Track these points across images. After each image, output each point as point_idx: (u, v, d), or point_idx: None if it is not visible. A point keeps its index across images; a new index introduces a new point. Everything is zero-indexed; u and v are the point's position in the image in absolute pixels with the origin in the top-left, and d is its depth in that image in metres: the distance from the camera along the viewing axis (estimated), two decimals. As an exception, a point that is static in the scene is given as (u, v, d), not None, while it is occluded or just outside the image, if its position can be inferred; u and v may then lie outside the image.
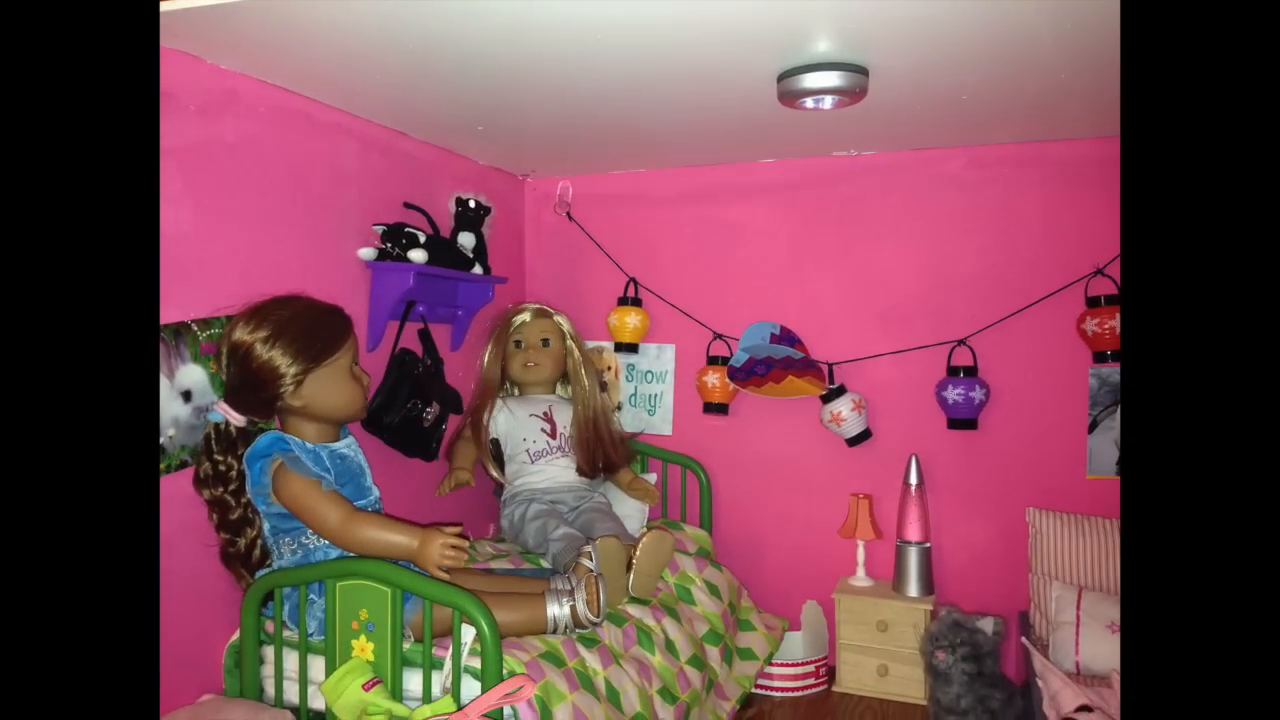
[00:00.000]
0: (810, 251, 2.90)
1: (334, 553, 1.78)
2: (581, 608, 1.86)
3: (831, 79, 1.87)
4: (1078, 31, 1.68)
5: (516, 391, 2.78)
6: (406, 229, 2.38)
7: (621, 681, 2.04)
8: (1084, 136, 2.54)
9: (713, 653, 2.43)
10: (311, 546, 1.75)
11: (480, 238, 2.72)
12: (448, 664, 1.74)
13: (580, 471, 2.66)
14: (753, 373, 2.74)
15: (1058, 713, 1.93)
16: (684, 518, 3.00)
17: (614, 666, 2.05)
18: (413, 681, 1.79)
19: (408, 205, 2.51)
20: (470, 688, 1.72)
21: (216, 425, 1.74)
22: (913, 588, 2.63)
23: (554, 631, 1.89)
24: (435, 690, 1.77)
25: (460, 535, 1.68)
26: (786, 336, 2.82)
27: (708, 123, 2.40)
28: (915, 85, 2.03)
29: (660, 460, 3.03)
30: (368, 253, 2.34)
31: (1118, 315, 2.44)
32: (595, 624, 1.90)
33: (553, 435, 2.65)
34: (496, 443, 2.69)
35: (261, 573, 1.82)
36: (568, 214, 3.18)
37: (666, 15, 1.61)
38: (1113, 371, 2.56)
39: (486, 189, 2.90)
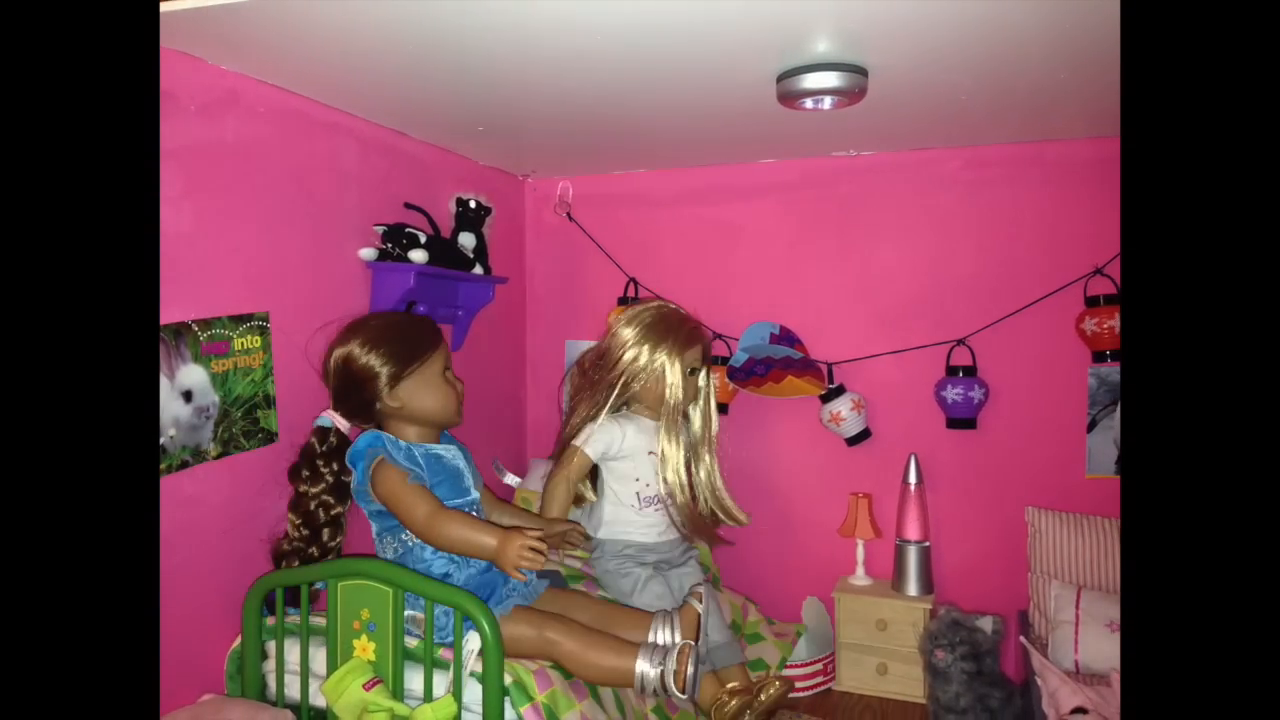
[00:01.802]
0: (810, 251, 2.91)
1: (428, 551, 1.83)
2: (670, 680, 1.76)
3: (830, 79, 1.87)
4: (1076, 32, 1.68)
5: (624, 410, 2.35)
6: (407, 229, 2.38)
7: (627, 693, 2.04)
8: (1082, 136, 2.54)
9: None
10: (410, 544, 1.82)
11: (481, 238, 2.72)
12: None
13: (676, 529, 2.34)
14: (752, 372, 2.74)
15: (1056, 711, 1.94)
16: (684, 517, 3.01)
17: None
18: (415, 681, 1.79)
19: (408, 205, 2.52)
20: (473, 689, 1.73)
21: (323, 428, 1.89)
22: (912, 587, 2.63)
23: (640, 690, 1.82)
24: (440, 689, 1.77)
25: (540, 538, 1.69)
26: (786, 336, 2.82)
27: (707, 123, 2.40)
28: (914, 85, 2.04)
29: (660, 460, 3.04)
30: (368, 253, 2.34)
31: (1117, 315, 2.45)
32: (680, 700, 1.80)
33: (663, 480, 2.27)
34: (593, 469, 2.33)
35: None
36: (568, 214, 3.18)
37: (666, 16, 1.61)
38: (1112, 371, 2.56)
39: (487, 189, 2.90)
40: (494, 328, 3.07)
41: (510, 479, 3.12)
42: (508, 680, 1.72)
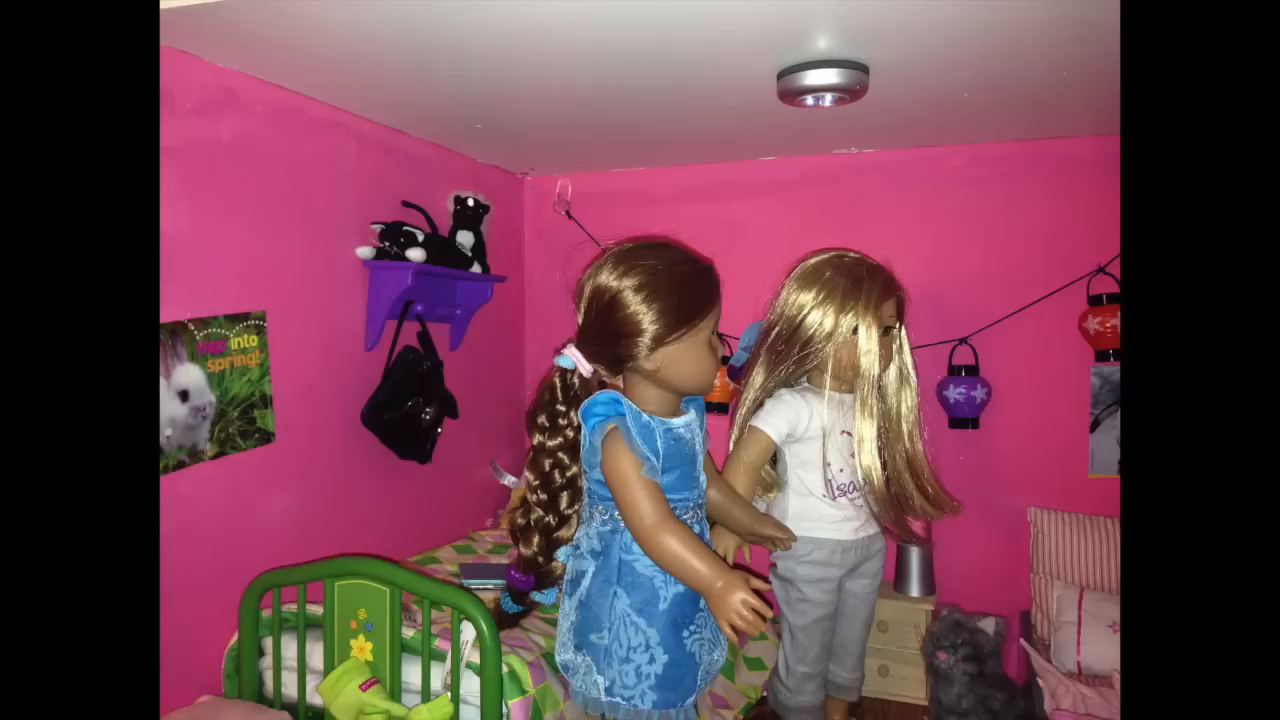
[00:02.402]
0: (811, 250, 2.89)
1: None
2: None
3: (831, 76, 1.86)
4: (1078, 29, 1.67)
5: (805, 382, 1.99)
6: (405, 228, 2.37)
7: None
8: (1085, 135, 2.53)
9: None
10: (621, 525, 1.50)
11: (479, 236, 2.71)
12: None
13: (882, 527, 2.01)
14: (753, 372, 2.72)
15: (1057, 710, 1.93)
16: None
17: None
18: (412, 674, 1.78)
19: (406, 204, 2.50)
20: (470, 683, 1.72)
21: (564, 371, 1.52)
22: (914, 587, 2.62)
23: None
24: (436, 685, 1.76)
25: (764, 599, 1.41)
26: (787, 335, 2.80)
27: (708, 121, 2.39)
28: (916, 83, 2.02)
29: (660, 459, 3.03)
30: (366, 251, 2.33)
31: (1119, 314, 2.43)
32: None
33: (857, 465, 1.91)
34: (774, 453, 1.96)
35: (565, 551, 1.58)
36: (567, 212, 3.16)
37: (666, 13, 1.60)
38: (1114, 370, 2.54)
39: (485, 187, 2.89)
40: (492, 327, 3.06)
41: (508, 480, 3.11)
42: (503, 670, 1.71)
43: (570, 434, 1.51)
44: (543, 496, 1.54)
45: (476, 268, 2.67)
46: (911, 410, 1.97)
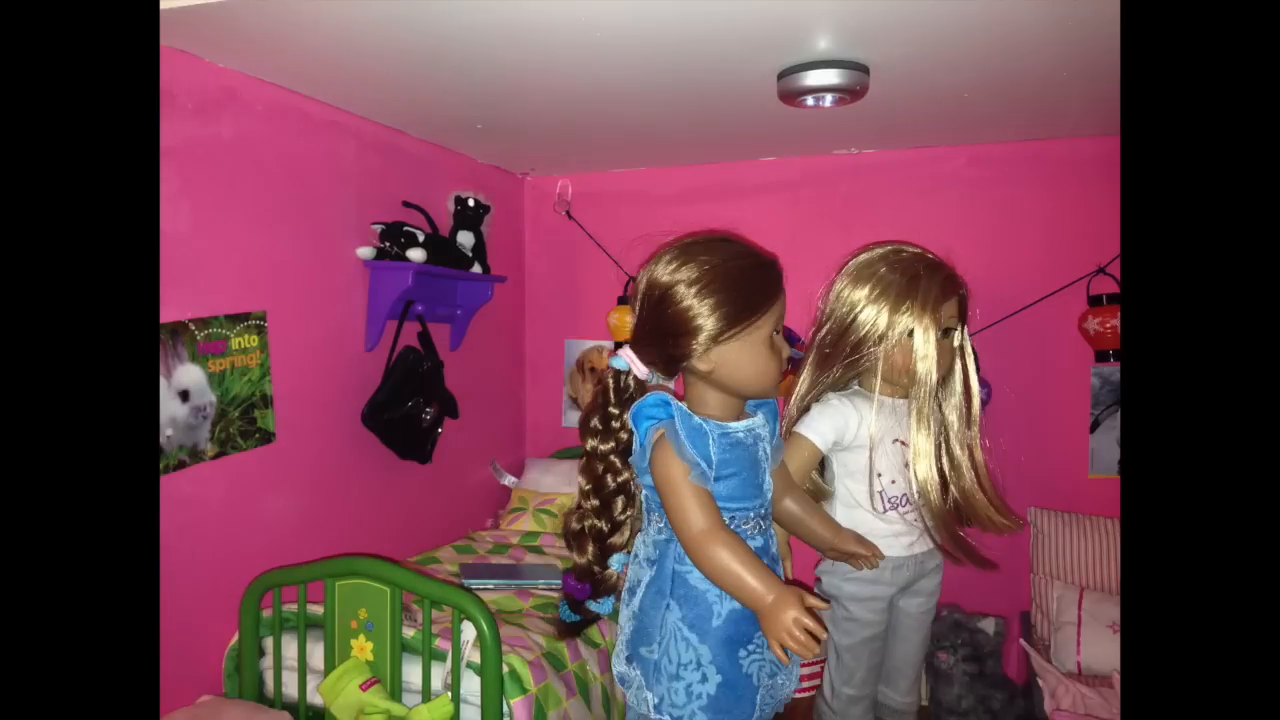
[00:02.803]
0: (812, 250, 2.89)
1: None
2: None
3: (831, 77, 1.86)
4: (1078, 30, 1.67)
5: (854, 385, 1.84)
6: (405, 228, 2.37)
7: (614, 688, 2.03)
8: (1085, 135, 2.53)
9: None
10: (675, 534, 1.43)
11: (479, 236, 2.71)
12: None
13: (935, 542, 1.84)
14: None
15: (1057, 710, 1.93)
16: (684, 517, 3.00)
17: (608, 673, 2.05)
18: (413, 674, 1.78)
19: (406, 204, 2.51)
20: (470, 683, 1.72)
21: (618, 373, 1.44)
22: (913, 587, 2.62)
23: None
24: (436, 685, 1.76)
25: (819, 622, 1.31)
26: (789, 336, 2.80)
27: (708, 121, 2.39)
28: (916, 83, 2.02)
29: (660, 459, 3.03)
30: (366, 252, 2.33)
31: (1120, 314, 2.43)
32: None
33: (911, 477, 1.75)
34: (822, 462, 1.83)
35: (619, 559, 1.49)
36: (567, 212, 3.17)
37: (666, 13, 1.60)
38: (1114, 371, 2.55)
39: (485, 188, 2.89)
40: (492, 327, 3.06)
41: (508, 480, 3.12)
42: (504, 670, 1.71)
43: (623, 437, 1.44)
44: (595, 502, 1.46)
45: (477, 268, 2.67)
46: (975, 419, 1.81)
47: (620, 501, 1.47)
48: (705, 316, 1.35)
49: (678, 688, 1.38)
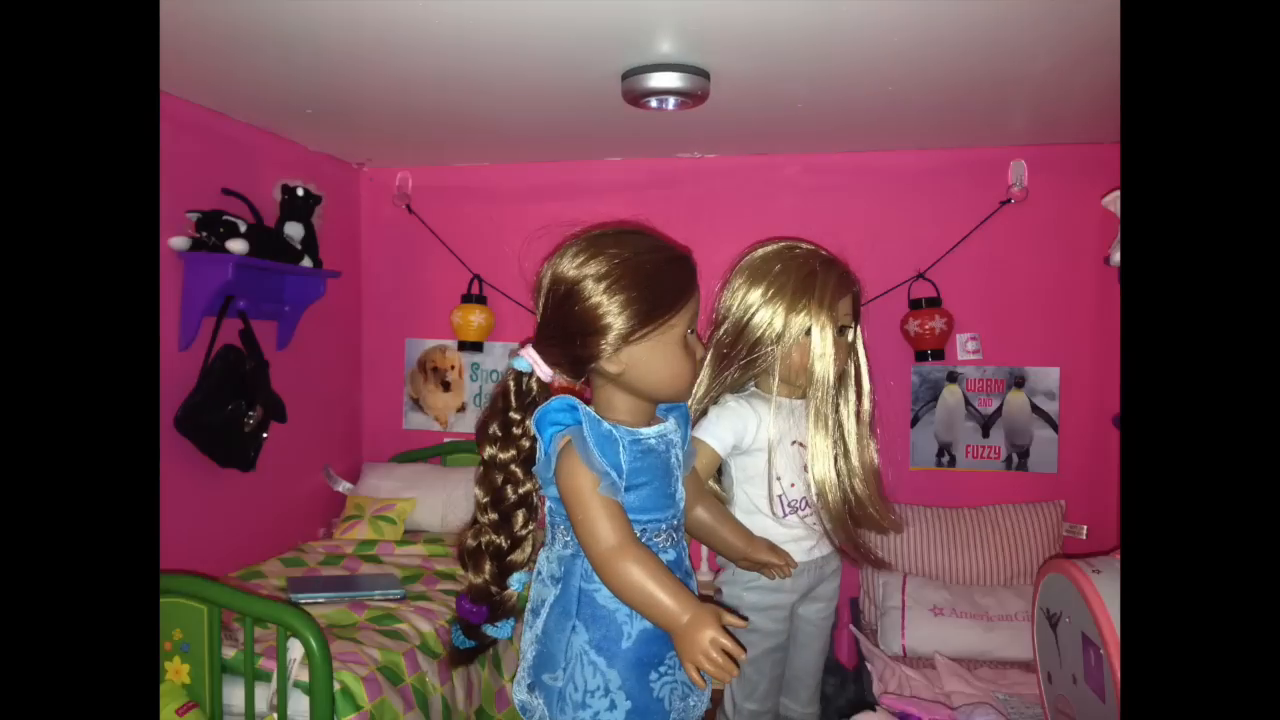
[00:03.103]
0: (655, 251, 2.93)
1: None
2: None
3: (673, 80, 1.89)
4: (906, 47, 1.76)
5: (751, 387, 1.78)
6: (225, 217, 2.20)
7: (455, 698, 1.97)
8: (908, 148, 2.69)
9: None
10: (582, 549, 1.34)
11: (310, 228, 2.56)
12: (274, 681, 1.62)
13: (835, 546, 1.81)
14: (598, 371, 2.73)
15: (883, 692, 2.04)
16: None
17: (449, 683, 1.98)
18: (235, 696, 1.66)
19: (227, 192, 2.33)
20: (298, 703, 1.61)
21: (518, 374, 1.33)
22: (753, 580, 2.70)
23: None
24: (261, 706, 1.64)
25: (737, 642, 1.22)
26: (632, 335, 2.83)
27: (553, 117, 2.37)
28: (753, 91, 2.08)
29: (505, 461, 2.98)
30: (180, 242, 2.14)
31: (937, 316, 2.61)
32: None
33: (810, 479, 1.72)
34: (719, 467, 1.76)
35: (520, 577, 1.38)
36: (407, 206, 3.05)
37: (506, 5, 1.56)
38: (932, 369, 2.73)
39: (317, 177, 2.73)
40: (326, 324, 2.90)
41: (342, 486, 2.96)
42: (335, 687, 1.62)
43: (525, 445, 1.33)
44: (494, 516, 1.35)
45: (307, 261, 2.52)
46: (867, 417, 1.79)
47: (521, 515, 1.36)
48: (615, 315, 1.25)
49: (584, 717, 1.29)
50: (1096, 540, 2.60)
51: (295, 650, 1.60)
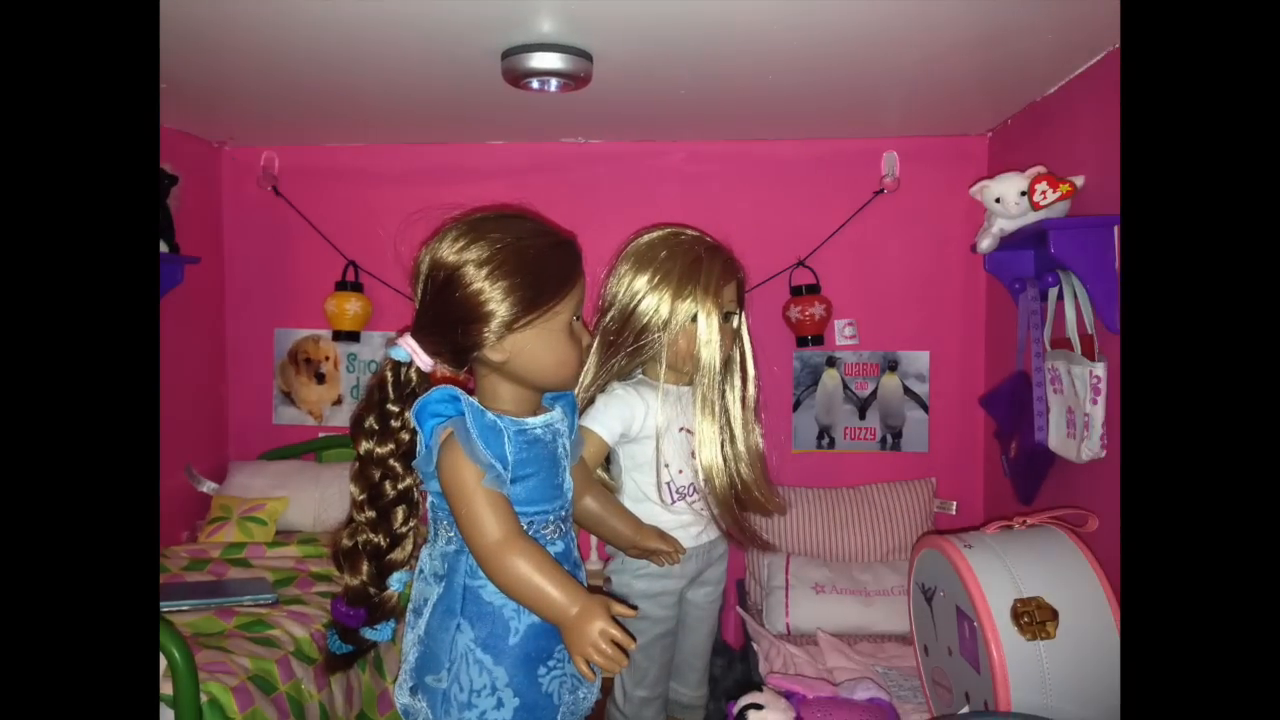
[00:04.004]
0: (539, 237, 2.88)
1: None
2: None
3: (554, 60, 1.84)
4: (788, 34, 1.78)
5: (638, 374, 1.77)
6: (66, 196, 2.01)
7: (334, 704, 1.89)
8: (787, 138, 2.74)
9: None
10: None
11: (165, 211, 2.38)
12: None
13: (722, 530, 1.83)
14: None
15: (768, 672, 2.08)
16: (411, 514, 2.87)
17: (327, 689, 1.90)
18: None
19: (68, 169, 2.13)
20: (166, 716, 1.50)
21: (396, 364, 1.29)
22: (641, 567, 2.71)
23: None
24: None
25: (626, 632, 1.22)
26: (516, 323, 2.78)
27: (430, 96, 2.28)
28: (637, 76, 2.07)
29: (385, 455, 2.87)
30: (13, 223, 1.95)
31: (817, 303, 2.67)
32: None
33: (698, 465, 1.73)
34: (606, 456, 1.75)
35: (400, 577, 1.34)
36: (274, 188, 2.88)
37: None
38: (813, 354, 2.80)
39: (172, 156, 2.55)
40: (185, 313, 2.71)
41: (206, 486, 2.78)
42: (202, 699, 1.52)
43: (404, 438, 1.30)
44: (371, 514, 1.31)
45: (162, 246, 2.34)
46: (751, 402, 1.82)
47: (401, 512, 1.32)
48: (498, 301, 1.22)
49: (469, 718, 1.26)
50: (966, 515, 2.74)
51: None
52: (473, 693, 1.26)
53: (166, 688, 1.49)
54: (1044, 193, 1.86)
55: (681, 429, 1.73)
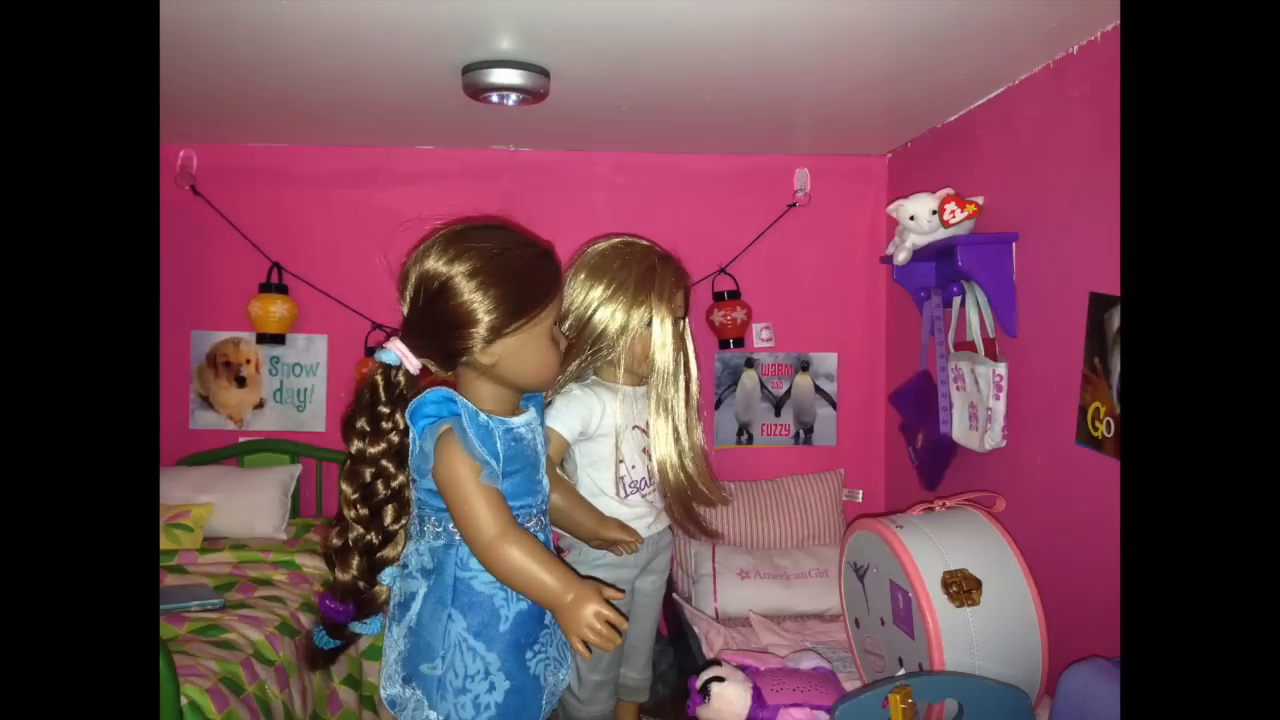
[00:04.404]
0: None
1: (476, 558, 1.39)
2: None
3: (514, 77, 1.93)
4: (726, 53, 1.89)
5: (591, 376, 1.87)
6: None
7: (294, 705, 1.91)
8: (713, 152, 2.91)
9: (371, 668, 2.35)
10: (457, 539, 1.35)
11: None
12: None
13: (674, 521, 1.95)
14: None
15: (713, 651, 2.23)
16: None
17: (288, 690, 1.91)
18: None
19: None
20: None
21: (387, 368, 1.34)
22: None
23: None
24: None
25: (619, 613, 1.31)
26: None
27: (379, 103, 2.30)
28: (586, 91, 2.16)
29: (314, 459, 2.85)
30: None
31: (738, 308, 2.85)
32: None
33: (651, 460, 1.85)
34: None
35: (390, 572, 1.39)
36: (192, 187, 2.81)
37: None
38: (734, 355, 2.98)
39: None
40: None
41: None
42: (181, 702, 1.52)
43: (395, 439, 1.36)
44: (363, 512, 1.36)
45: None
46: (695, 399, 1.92)
47: (392, 510, 1.38)
48: (488, 310, 1.31)
49: (464, 701, 1.33)
50: (870, 502, 2.99)
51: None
52: (467, 678, 1.33)
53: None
54: (953, 212, 2.10)
55: (634, 427, 1.84)
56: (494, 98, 1.97)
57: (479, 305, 1.31)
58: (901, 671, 1.73)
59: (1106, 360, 1.69)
